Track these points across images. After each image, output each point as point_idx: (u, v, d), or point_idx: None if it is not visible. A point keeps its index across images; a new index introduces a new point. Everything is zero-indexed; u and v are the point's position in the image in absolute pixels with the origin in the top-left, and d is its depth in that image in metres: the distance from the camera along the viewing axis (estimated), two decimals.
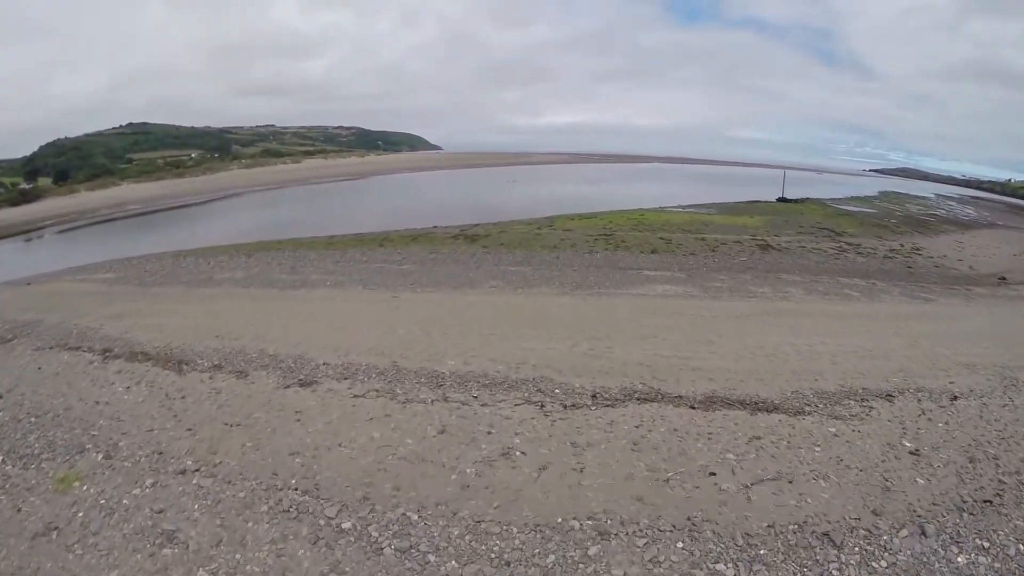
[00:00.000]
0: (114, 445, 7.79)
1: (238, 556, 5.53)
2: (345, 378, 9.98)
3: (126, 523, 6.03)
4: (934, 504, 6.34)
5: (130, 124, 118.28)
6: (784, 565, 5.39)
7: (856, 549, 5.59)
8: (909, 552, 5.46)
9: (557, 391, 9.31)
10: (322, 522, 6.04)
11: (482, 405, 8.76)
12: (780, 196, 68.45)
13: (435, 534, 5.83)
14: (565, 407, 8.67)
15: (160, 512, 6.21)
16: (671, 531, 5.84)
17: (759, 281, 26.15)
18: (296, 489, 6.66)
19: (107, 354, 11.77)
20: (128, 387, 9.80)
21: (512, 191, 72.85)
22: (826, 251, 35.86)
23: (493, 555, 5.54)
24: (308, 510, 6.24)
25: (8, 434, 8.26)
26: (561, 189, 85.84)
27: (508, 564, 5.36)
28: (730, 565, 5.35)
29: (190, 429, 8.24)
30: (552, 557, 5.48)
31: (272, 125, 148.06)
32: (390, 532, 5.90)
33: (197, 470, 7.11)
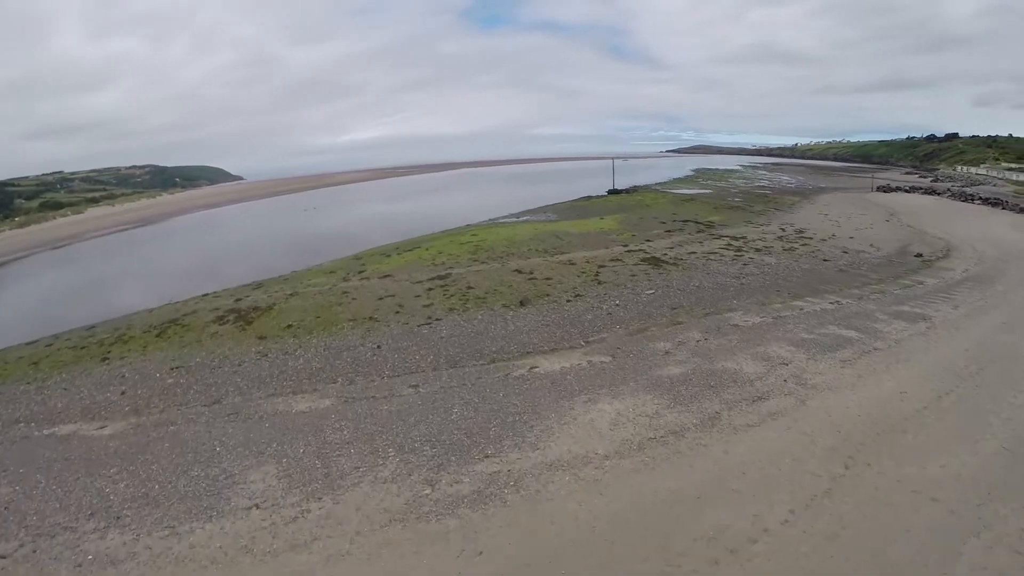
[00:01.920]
0: None
1: None
2: None
3: None
4: None
5: None
6: None
7: None
8: None
9: None
10: None
11: None
12: (611, 188, 66.94)
13: None
14: None
15: None
16: None
17: (710, 332, 17.09)
18: None
19: None
20: None
21: (310, 222, 66.97)
22: (725, 256, 29.32)
23: None
24: None
25: None
26: (369, 210, 76.59)
27: None
28: None
29: None
30: None
31: (60, 171, 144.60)
32: None
33: None
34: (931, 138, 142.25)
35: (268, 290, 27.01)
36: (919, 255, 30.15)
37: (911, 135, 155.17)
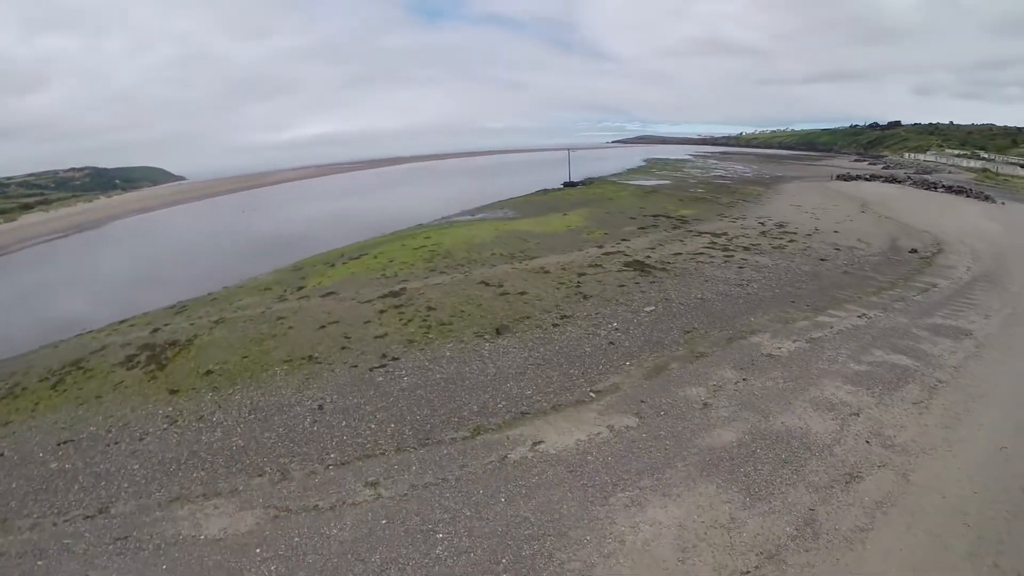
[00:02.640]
0: None
1: None
2: None
3: None
4: None
5: None
6: None
7: None
8: None
9: None
10: None
11: None
12: (567, 180, 64.99)
13: None
14: None
15: None
16: None
17: (744, 367, 14.22)
18: None
19: None
20: None
21: (250, 225, 61.44)
22: (716, 258, 26.89)
23: None
24: None
25: None
26: (312, 210, 70.60)
27: None
28: None
29: None
30: None
31: None
32: None
33: None
34: (874, 126, 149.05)
35: (192, 315, 22.37)
36: (913, 251, 28.79)
37: (854, 123, 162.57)
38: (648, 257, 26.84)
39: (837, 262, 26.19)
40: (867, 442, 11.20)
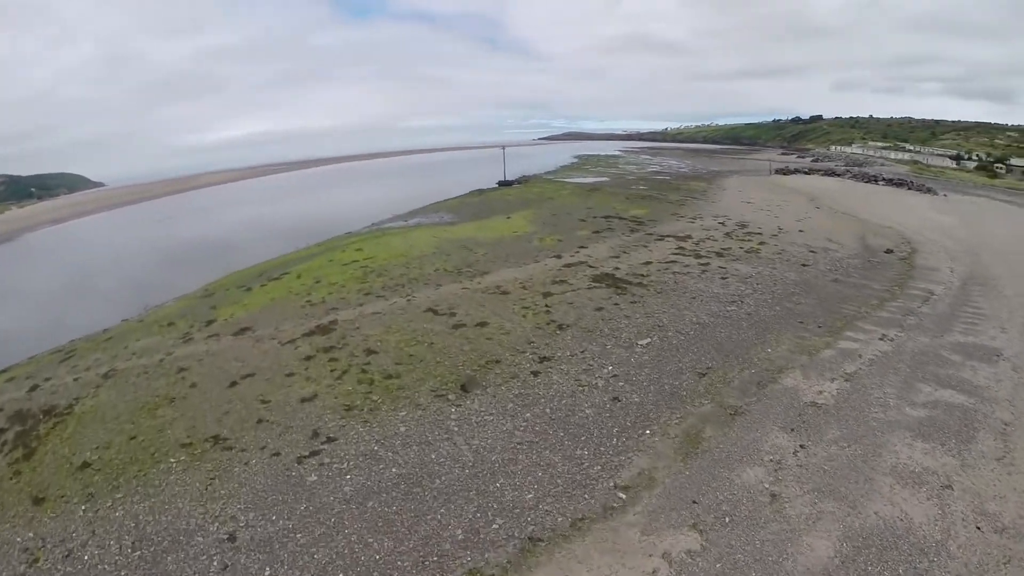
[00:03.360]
0: None
1: None
2: None
3: None
4: None
5: None
6: None
7: None
8: None
9: None
10: None
11: None
12: (501, 179, 62.63)
13: None
14: None
15: None
16: None
17: (795, 427, 11.65)
18: None
19: None
20: None
21: (165, 237, 55.08)
22: (691, 268, 24.92)
23: None
24: None
25: None
26: (234, 216, 64.15)
27: None
28: None
29: None
30: None
31: None
32: None
33: None
34: (797, 120, 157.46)
35: (79, 364, 18.16)
36: (889, 251, 27.98)
37: (777, 118, 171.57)
38: (617, 269, 24.02)
39: (820, 267, 24.57)
40: (978, 528, 8.80)
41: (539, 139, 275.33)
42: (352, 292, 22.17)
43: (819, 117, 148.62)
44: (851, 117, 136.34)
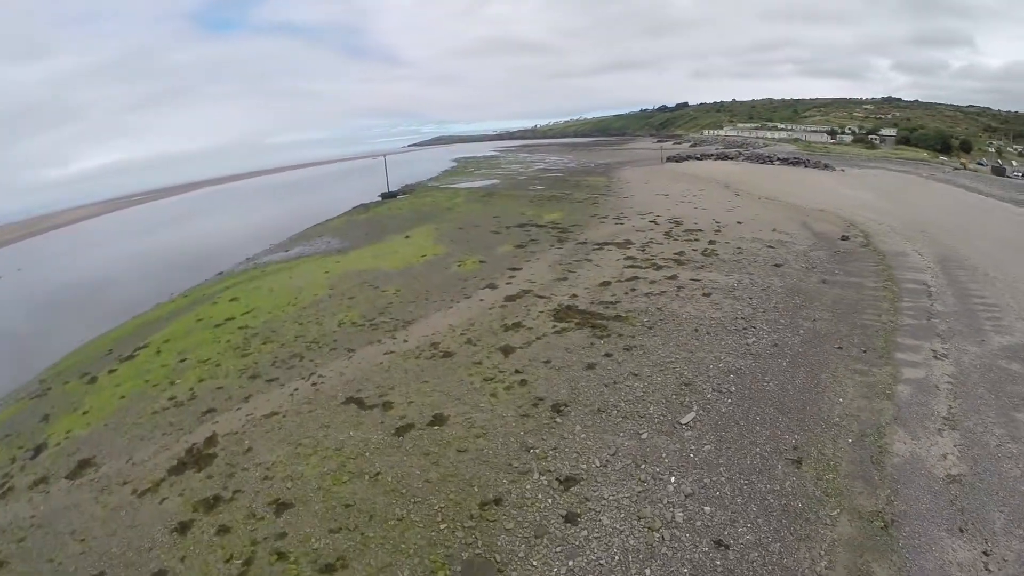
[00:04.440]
0: None
1: None
2: None
3: None
4: None
5: None
6: None
7: None
8: None
9: None
10: None
11: None
12: (385, 191, 57.19)
13: None
14: None
15: None
16: None
17: (966, 530, 7.86)
18: None
19: None
20: None
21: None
22: (665, 287, 21.43)
23: None
24: None
25: None
26: (88, 261, 51.27)
27: None
28: None
29: None
30: None
31: None
32: None
33: None
34: (663, 108, 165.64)
35: None
36: (845, 238, 26.94)
37: (644, 107, 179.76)
38: (575, 297, 19.64)
39: (795, 267, 22.19)
40: None
41: (410, 146, 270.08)
42: (232, 374, 15.82)
43: (685, 104, 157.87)
44: (715, 102, 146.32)
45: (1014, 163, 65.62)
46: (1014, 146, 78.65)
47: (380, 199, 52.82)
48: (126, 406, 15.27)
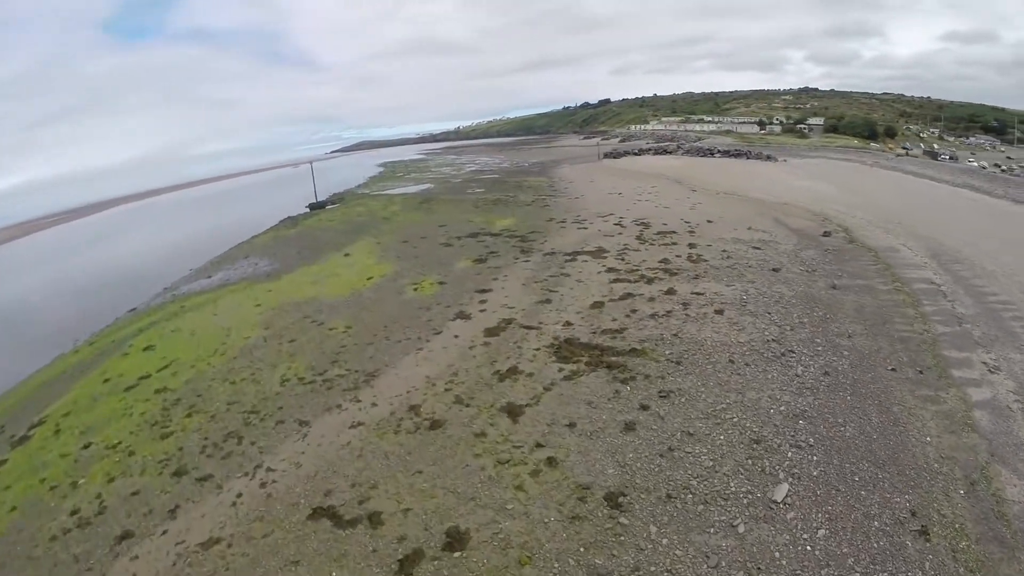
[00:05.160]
0: None
1: None
2: None
3: None
4: None
5: None
6: None
7: None
8: None
9: None
10: None
11: None
12: (313, 202, 52.66)
13: None
14: None
15: None
16: None
17: None
18: None
19: None
20: None
21: None
22: (667, 306, 18.98)
23: None
24: None
25: None
26: None
27: None
28: None
29: None
30: None
31: None
32: None
33: None
34: (586, 105, 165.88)
35: None
36: (827, 233, 26.03)
37: (567, 105, 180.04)
38: (569, 325, 16.78)
39: (794, 270, 20.59)
40: None
41: (332, 152, 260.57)
42: (150, 468, 11.99)
43: (607, 101, 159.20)
44: (637, 97, 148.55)
45: (935, 146, 69.16)
46: (930, 130, 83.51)
47: (308, 210, 48.10)
48: (16, 526, 10.90)
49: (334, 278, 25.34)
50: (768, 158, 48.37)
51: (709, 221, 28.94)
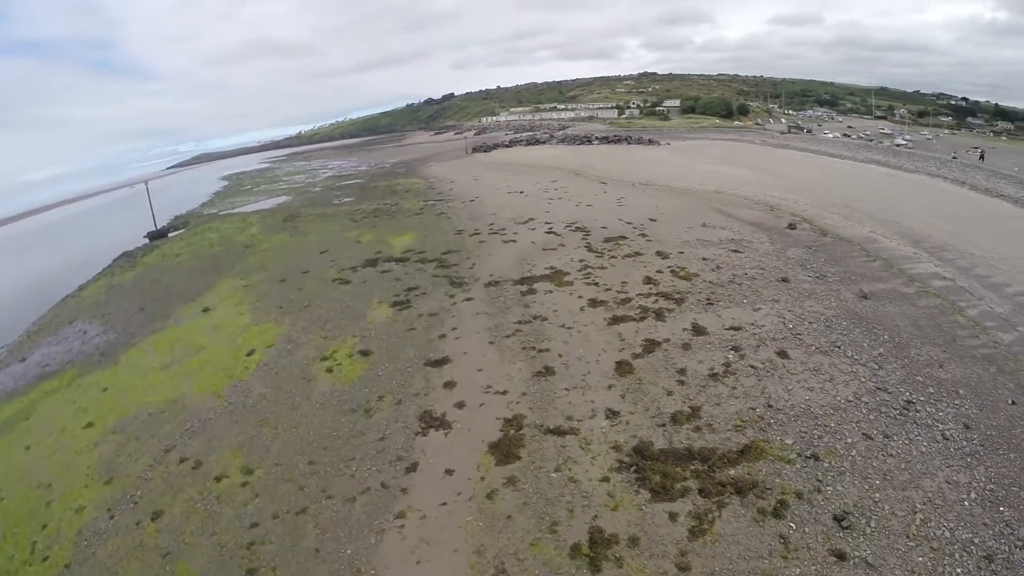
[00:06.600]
0: None
1: None
2: None
3: None
4: None
5: None
6: None
7: None
8: None
9: None
10: None
11: None
12: (152, 231, 42.45)
13: None
14: None
15: None
16: None
17: None
18: None
19: None
20: None
21: None
22: (702, 349, 14.24)
23: None
24: None
25: None
26: None
27: None
28: None
29: None
30: None
31: None
32: None
33: None
34: (430, 101, 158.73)
35: None
36: (792, 226, 24.24)
37: (410, 102, 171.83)
38: (618, 421, 11.90)
39: (802, 278, 18.74)
40: None
41: (169, 168, 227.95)
42: None
43: (451, 95, 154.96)
44: (481, 90, 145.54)
45: (799, 121, 74.23)
46: (770, 105, 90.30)
47: (148, 241, 38.32)
48: None
49: (197, 356, 17.58)
50: (650, 142, 47.29)
51: (652, 220, 25.76)
